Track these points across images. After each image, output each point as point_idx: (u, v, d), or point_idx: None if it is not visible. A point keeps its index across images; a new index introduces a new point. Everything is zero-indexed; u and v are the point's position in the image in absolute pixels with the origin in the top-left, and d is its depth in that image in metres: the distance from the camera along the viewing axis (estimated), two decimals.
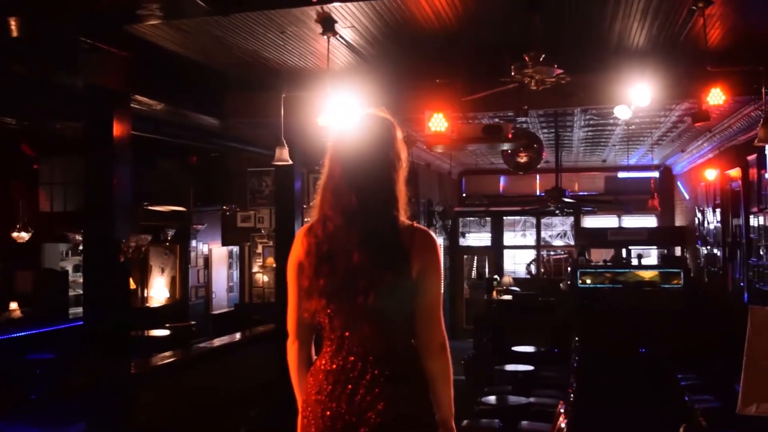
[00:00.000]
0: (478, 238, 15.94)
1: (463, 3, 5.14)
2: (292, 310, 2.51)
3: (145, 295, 11.47)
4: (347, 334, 2.41)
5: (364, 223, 2.40)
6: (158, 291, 11.62)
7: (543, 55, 5.03)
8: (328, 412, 2.38)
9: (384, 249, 2.38)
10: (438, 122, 6.12)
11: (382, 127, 2.53)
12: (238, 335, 8.36)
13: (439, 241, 13.70)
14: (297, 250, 2.49)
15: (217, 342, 7.87)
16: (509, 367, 8.48)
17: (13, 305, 9.47)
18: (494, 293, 13.09)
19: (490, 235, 15.77)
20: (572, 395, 6.37)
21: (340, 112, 6.53)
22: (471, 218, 15.73)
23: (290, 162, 6.58)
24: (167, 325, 10.82)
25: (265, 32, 5.80)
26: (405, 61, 6.44)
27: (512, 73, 5.08)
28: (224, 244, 13.26)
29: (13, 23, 4.40)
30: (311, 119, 6.52)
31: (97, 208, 6.05)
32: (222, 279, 14.13)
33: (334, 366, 2.42)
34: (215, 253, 13.74)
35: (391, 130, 2.54)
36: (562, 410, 5.44)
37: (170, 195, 11.63)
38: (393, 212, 2.44)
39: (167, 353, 7.23)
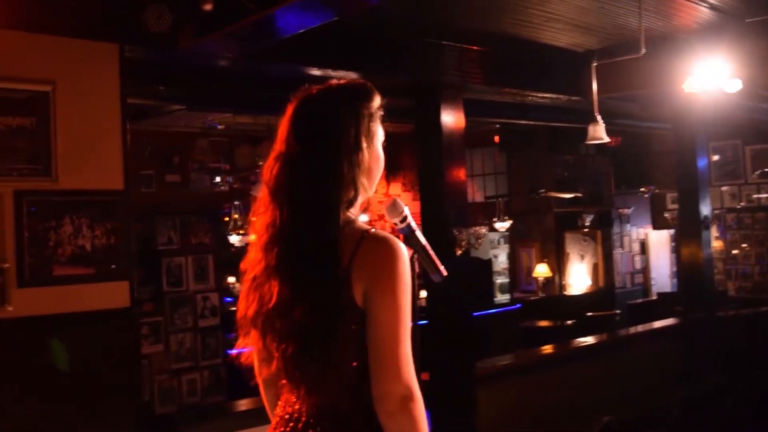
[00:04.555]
0: None
1: None
2: None
3: (563, 282, 11.19)
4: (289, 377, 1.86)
5: (288, 247, 1.82)
6: (578, 279, 11.24)
7: None
8: None
9: (308, 281, 1.78)
10: None
11: (332, 102, 1.90)
12: (623, 331, 7.71)
13: None
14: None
15: (591, 339, 7.30)
16: None
17: (423, 293, 10.00)
18: None
19: None
20: None
21: (709, 76, 5.64)
22: None
23: (606, 140, 5.77)
24: (588, 314, 10.44)
25: None
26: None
27: None
28: (655, 227, 12.36)
29: None
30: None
31: (431, 203, 6.04)
32: (663, 264, 13.16)
33: (283, 413, 1.89)
34: (653, 237, 12.85)
35: (347, 102, 1.90)
36: None
37: (588, 180, 11.20)
38: (332, 220, 1.81)
39: (530, 350, 6.95)
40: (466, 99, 6.13)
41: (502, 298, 11.37)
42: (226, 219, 8.82)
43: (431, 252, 1.97)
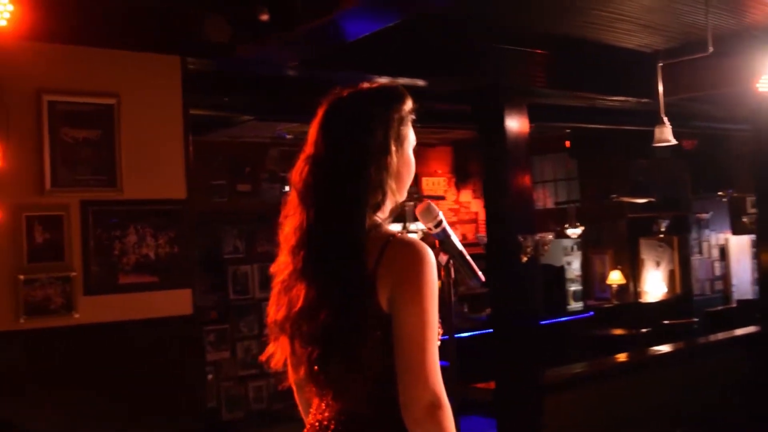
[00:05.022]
0: None
1: None
2: None
3: (638, 290, 10.91)
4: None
5: (315, 249, 1.80)
6: (653, 286, 10.93)
7: None
8: None
9: (333, 284, 1.76)
10: None
11: (362, 105, 1.87)
12: (701, 339, 7.48)
13: None
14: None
15: (667, 348, 7.09)
16: None
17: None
18: None
19: None
20: None
21: None
22: None
23: (673, 142, 5.60)
24: (665, 321, 10.17)
25: None
26: None
27: None
28: (735, 232, 11.92)
29: None
30: None
31: (494, 209, 5.98)
32: (744, 270, 12.69)
33: (314, 420, 1.87)
34: (733, 242, 12.41)
35: (377, 105, 1.87)
36: None
37: (664, 184, 10.89)
38: (357, 223, 1.78)
39: (600, 361, 6.79)
40: (532, 104, 6.06)
41: (575, 305, 11.17)
42: None
43: (468, 257, 1.93)
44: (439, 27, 5.32)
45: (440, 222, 1.91)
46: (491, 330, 7.85)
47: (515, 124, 5.83)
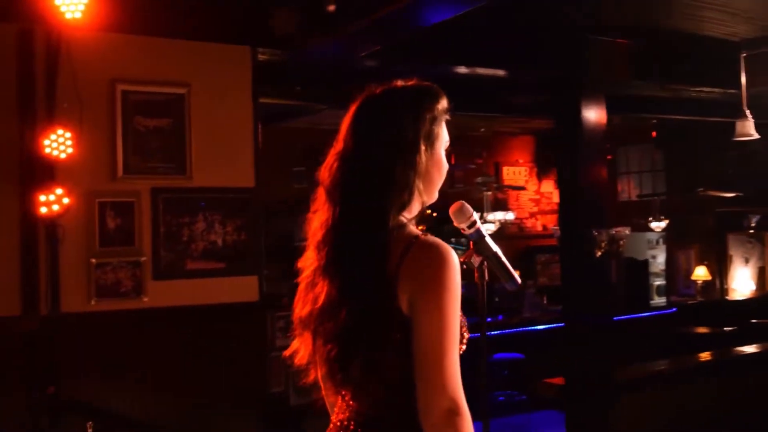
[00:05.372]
0: None
1: None
2: None
3: (724, 287, 10.53)
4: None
5: (337, 247, 1.77)
6: (741, 283, 10.53)
7: None
8: None
9: (353, 283, 1.73)
10: None
11: (393, 102, 1.82)
12: None
13: None
14: None
15: (753, 348, 6.82)
16: None
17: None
18: None
19: None
20: None
21: None
22: None
23: (755, 136, 5.33)
24: (752, 320, 9.81)
25: None
26: None
27: None
28: None
29: None
30: None
31: (568, 201, 5.85)
32: None
33: (336, 420, 1.84)
34: None
35: (408, 103, 1.82)
36: None
37: (755, 177, 10.46)
38: (380, 222, 1.73)
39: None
40: (615, 94, 5.89)
41: (658, 300, 10.86)
42: None
43: (503, 258, 1.88)
44: (519, 15, 5.22)
45: (474, 222, 1.86)
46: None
47: (593, 115, 5.68)
